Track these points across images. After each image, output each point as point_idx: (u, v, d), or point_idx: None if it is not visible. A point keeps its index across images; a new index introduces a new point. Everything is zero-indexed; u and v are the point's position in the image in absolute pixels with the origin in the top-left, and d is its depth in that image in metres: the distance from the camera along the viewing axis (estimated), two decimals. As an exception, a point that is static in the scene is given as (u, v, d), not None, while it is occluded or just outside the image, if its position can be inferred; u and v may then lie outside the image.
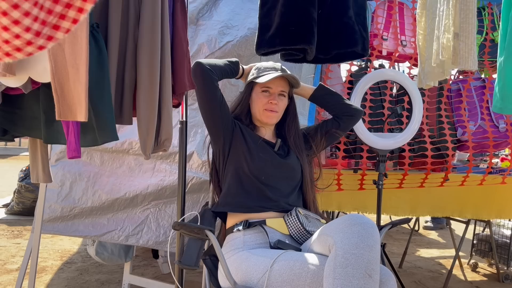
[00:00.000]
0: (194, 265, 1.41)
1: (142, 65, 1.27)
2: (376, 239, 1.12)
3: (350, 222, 1.14)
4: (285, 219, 1.50)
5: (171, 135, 1.44)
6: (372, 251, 1.09)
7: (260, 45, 1.70)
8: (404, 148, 2.45)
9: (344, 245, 1.10)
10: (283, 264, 1.25)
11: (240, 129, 1.57)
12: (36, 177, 1.55)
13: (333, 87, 2.57)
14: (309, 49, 1.66)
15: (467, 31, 1.38)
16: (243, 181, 1.53)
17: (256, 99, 1.61)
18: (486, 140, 2.52)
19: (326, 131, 1.72)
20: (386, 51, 2.68)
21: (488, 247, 3.13)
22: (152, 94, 1.29)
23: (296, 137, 1.69)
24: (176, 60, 1.46)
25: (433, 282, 2.96)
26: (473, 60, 1.61)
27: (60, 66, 1.03)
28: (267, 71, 1.60)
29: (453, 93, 2.71)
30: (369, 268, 1.08)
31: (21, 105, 1.37)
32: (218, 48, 2.26)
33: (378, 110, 2.53)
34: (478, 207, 2.60)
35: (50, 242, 3.45)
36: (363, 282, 1.06)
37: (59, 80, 1.04)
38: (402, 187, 2.45)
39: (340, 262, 1.08)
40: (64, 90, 1.06)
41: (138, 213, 2.07)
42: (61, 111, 1.07)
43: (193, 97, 2.23)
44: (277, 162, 1.56)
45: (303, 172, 1.63)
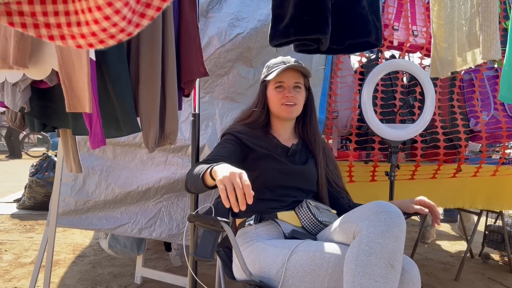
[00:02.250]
0: (210, 257, 1.41)
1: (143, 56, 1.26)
2: (402, 228, 1.11)
3: (376, 210, 1.13)
4: (296, 211, 1.49)
5: (177, 127, 1.43)
6: (397, 241, 1.09)
7: (274, 36, 1.68)
8: (416, 139, 2.44)
9: (369, 233, 1.09)
10: (303, 254, 1.24)
11: (247, 146, 1.53)
12: (70, 167, 1.59)
13: (344, 78, 2.56)
14: (324, 39, 1.64)
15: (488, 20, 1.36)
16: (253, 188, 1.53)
17: (272, 96, 1.59)
18: (499, 131, 2.50)
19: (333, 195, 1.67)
20: (397, 41, 2.66)
21: (500, 238, 3.11)
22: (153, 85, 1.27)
23: (315, 134, 1.67)
24: (183, 47, 1.43)
25: (445, 273, 2.95)
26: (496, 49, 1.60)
27: (66, 56, 1.04)
28: (276, 66, 1.58)
29: (466, 83, 2.68)
30: (392, 259, 1.07)
31: (52, 98, 1.40)
32: (229, 40, 2.25)
33: (389, 101, 2.51)
34: (490, 198, 2.59)
35: (62, 236, 3.48)
36: (385, 272, 1.05)
37: (66, 71, 1.05)
38: (414, 179, 2.43)
39: (364, 250, 1.08)
40: (72, 81, 1.07)
41: (151, 206, 2.08)
42: (70, 103, 1.08)
43: (204, 90, 2.23)
44: (289, 171, 1.53)
45: (319, 178, 1.61)
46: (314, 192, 1.62)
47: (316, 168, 1.62)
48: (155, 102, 1.28)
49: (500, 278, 2.88)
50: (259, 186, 1.51)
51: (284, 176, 1.53)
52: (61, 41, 0.49)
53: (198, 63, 1.48)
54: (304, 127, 1.67)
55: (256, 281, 1.33)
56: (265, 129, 1.63)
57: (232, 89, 2.25)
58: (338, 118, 2.50)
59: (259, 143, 1.55)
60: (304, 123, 1.67)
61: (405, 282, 1.15)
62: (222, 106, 2.23)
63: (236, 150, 1.50)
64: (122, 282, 2.51)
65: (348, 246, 1.18)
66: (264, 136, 1.61)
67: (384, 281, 1.05)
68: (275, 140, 1.60)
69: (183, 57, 1.43)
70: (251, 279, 1.32)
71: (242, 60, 2.28)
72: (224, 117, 2.20)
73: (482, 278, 2.88)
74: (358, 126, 2.47)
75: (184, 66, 1.45)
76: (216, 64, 2.22)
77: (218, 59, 2.22)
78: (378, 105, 2.45)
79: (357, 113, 2.46)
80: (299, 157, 1.62)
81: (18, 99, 1.29)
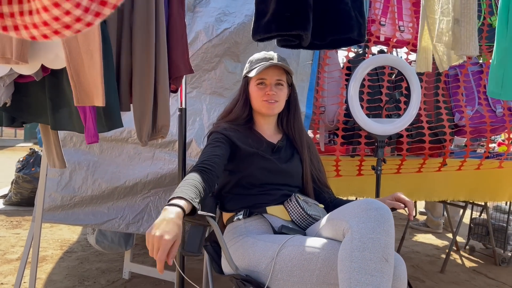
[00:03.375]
0: (197, 251, 1.41)
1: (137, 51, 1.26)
2: (391, 224, 1.12)
3: (365, 207, 1.13)
4: (285, 205, 1.50)
5: (168, 121, 1.43)
6: (388, 235, 1.09)
7: (256, 31, 1.69)
8: (402, 134, 2.47)
9: (360, 229, 1.09)
10: (292, 249, 1.24)
11: (236, 145, 1.52)
12: (53, 163, 1.58)
13: (331, 73, 2.57)
14: (305, 35, 1.65)
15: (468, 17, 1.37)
16: (240, 185, 1.53)
17: (253, 92, 1.58)
18: (483, 125, 2.54)
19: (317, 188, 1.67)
20: (384, 36, 2.68)
21: (485, 231, 3.16)
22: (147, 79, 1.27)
23: (300, 131, 1.66)
24: (171, 43, 1.43)
25: (431, 266, 3.00)
26: (474, 46, 1.62)
27: (75, 53, 1.04)
28: (258, 62, 1.57)
29: (451, 78, 2.71)
30: (386, 253, 1.08)
31: (26, 92, 1.38)
32: (216, 35, 2.25)
33: (376, 96, 2.54)
34: (472, 191, 2.63)
35: (50, 231, 3.46)
36: (380, 266, 1.06)
37: (74, 67, 1.05)
38: (400, 173, 2.46)
39: (357, 245, 1.08)
40: (80, 76, 1.07)
41: (138, 201, 2.07)
42: (78, 97, 1.08)
43: (191, 85, 2.23)
44: (275, 169, 1.53)
45: (304, 175, 1.61)
46: (300, 187, 1.63)
47: (301, 164, 1.62)
48: (149, 96, 1.28)
49: (484, 270, 2.94)
50: (247, 183, 1.52)
51: (271, 174, 1.53)
52: (14, 32, 0.47)
53: (185, 60, 1.48)
54: (289, 124, 1.67)
55: (243, 275, 1.34)
56: (249, 125, 1.63)
57: (219, 84, 2.25)
58: (325, 113, 2.51)
59: (246, 141, 1.55)
60: (288, 120, 1.67)
61: (393, 278, 1.17)
62: (209, 101, 2.23)
63: (227, 148, 1.50)
64: (110, 278, 2.51)
65: (337, 242, 1.20)
66: (249, 133, 1.60)
67: (380, 275, 1.05)
68: (260, 137, 1.60)
69: (171, 53, 1.43)
70: (238, 273, 1.33)
71: (229, 55, 2.27)
72: (211, 112, 2.20)
73: (467, 270, 2.93)
74: (345, 121, 2.49)
75: (172, 63, 1.45)
76: (203, 59, 2.22)
77: (205, 54, 2.22)
78: (364, 100, 2.47)
79: (344, 108, 2.48)
80: (284, 153, 1.62)
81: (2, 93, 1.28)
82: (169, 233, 1.01)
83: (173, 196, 1.14)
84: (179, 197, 1.13)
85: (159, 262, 1.00)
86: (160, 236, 1.00)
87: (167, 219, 1.05)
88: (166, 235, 1.00)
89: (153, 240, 1.00)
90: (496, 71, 1.59)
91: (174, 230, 1.03)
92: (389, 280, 1.08)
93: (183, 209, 1.10)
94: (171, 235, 1.01)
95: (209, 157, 1.41)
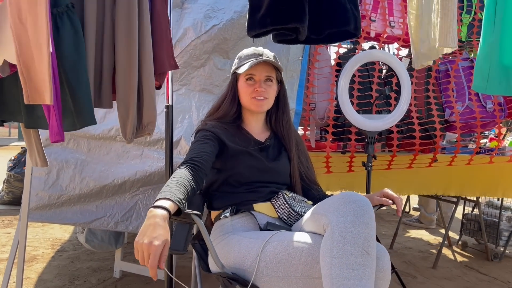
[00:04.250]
0: (182, 249, 1.40)
1: (120, 46, 1.24)
2: (371, 216, 1.11)
3: (344, 200, 1.13)
4: (272, 202, 1.49)
5: (154, 118, 1.41)
6: (368, 228, 1.09)
7: (251, 26, 1.66)
8: (392, 130, 2.46)
9: (340, 223, 1.09)
10: (276, 244, 1.24)
11: (223, 143, 1.50)
12: (35, 161, 1.56)
13: (322, 69, 2.56)
14: (301, 28, 1.63)
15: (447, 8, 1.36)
16: (227, 183, 1.52)
17: (242, 88, 1.56)
18: (473, 120, 2.53)
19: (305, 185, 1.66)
20: (374, 32, 2.67)
21: (477, 226, 3.17)
22: (131, 75, 1.25)
23: (288, 128, 1.65)
24: (155, 38, 1.41)
25: (423, 262, 3.00)
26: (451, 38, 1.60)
27: (25, 47, 1.00)
28: (248, 58, 1.55)
29: (441, 73, 2.71)
30: (366, 245, 1.07)
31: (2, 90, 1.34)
32: (204, 32, 2.22)
33: (366, 92, 2.53)
34: (463, 185, 2.64)
35: (41, 231, 3.44)
36: (361, 259, 1.05)
37: (24, 62, 1.01)
38: (391, 168, 2.46)
39: (337, 240, 1.07)
40: (30, 72, 1.03)
41: (127, 200, 2.06)
42: (29, 95, 1.04)
43: (180, 82, 2.21)
44: (263, 168, 1.52)
45: (292, 172, 1.60)
46: (287, 184, 1.62)
47: (289, 162, 1.62)
48: (132, 92, 1.26)
49: (476, 266, 2.94)
50: (235, 182, 1.50)
51: (258, 172, 1.52)
52: None
53: (169, 56, 1.46)
54: (277, 121, 1.65)
55: (229, 273, 1.33)
56: (237, 123, 1.62)
57: (208, 81, 2.23)
58: (315, 110, 2.50)
59: (234, 139, 1.54)
60: (276, 117, 1.66)
61: (376, 269, 1.16)
62: (198, 98, 2.21)
63: (215, 146, 1.49)
64: (101, 276, 2.49)
65: (320, 236, 1.19)
66: (237, 131, 1.59)
67: (362, 268, 1.05)
68: (248, 135, 1.59)
69: (155, 49, 1.41)
70: (224, 271, 1.32)
71: (218, 52, 2.25)
72: (201, 109, 2.18)
73: (459, 266, 2.94)
74: (335, 117, 2.48)
75: (156, 59, 1.42)
76: (192, 55, 2.20)
77: (194, 50, 2.20)
78: (354, 96, 2.46)
79: (334, 105, 2.47)
80: (272, 151, 1.61)
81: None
82: (158, 238, 1.00)
83: (159, 197, 1.13)
84: (165, 198, 1.12)
85: (151, 268, 0.98)
86: (149, 243, 0.99)
87: (153, 224, 1.03)
88: (155, 241, 0.99)
89: (142, 248, 0.99)
90: (481, 65, 1.58)
91: (162, 235, 1.01)
92: (372, 273, 1.07)
93: (169, 210, 1.09)
94: (160, 240, 1.00)
95: (198, 153, 1.40)
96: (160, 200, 1.12)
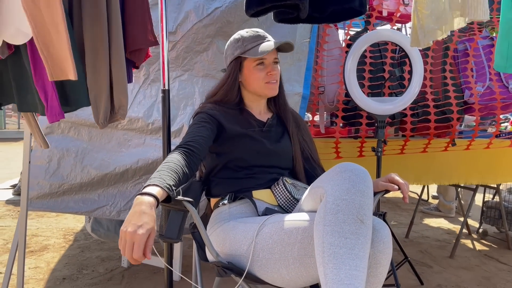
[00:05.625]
0: (176, 238, 1.35)
1: (87, 22, 1.17)
2: (368, 184, 1.05)
3: (340, 169, 1.08)
4: (272, 189, 1.43)
5: (126, 101, 1.34)
6: (363, 196, 1.03)
7: (250, 4, 1.60)
8: (405, 113, 2.34)
9: (334, 191, 1.04)
10: (272, 226, 1.19)
11: (222, 125, 1.45)
12: (39, 144, 1.56)
13: (331, 51, 2.45)
14: (301, 5, 1.55)
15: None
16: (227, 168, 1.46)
17: (252, 74, 1.48)
18: (493, 102, 2.39)
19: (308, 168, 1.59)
20: (386, 11, 2.54)
21: (497, 214, 3.03)
22: (99, 57, 1.18)
23: (285, 106, 1.61)
24: (126, 11, 1.32)
25: (440, 251, 2.88)
26: (483, 9, 1.50)
27: (40, 26, 1.00)
28: (254, 41, 1.47)
29: (460, 53, 2.56)
30: (361, 213, 1.01)
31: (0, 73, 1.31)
32: (207, 15, 2.15)
33: (378, 74, 2.41)
34: (484, 173, 2.50)
35: (55, 221, 3.46)
36: (354, 228, 1.00)
37: (43, 42, 1.01)
38: (404, 153, 2.35)
39: (331, 208, 1.02)
40: (50, 50, 1.03)
41: (130, 188, 2.02)
42: (52, 72, 1.04)
43: (182, 68, 2.15)
44: (265, 150, 1.46)
45: (294, 155, 1.54)
46: (290, 168, 1.55)
47: (291, 143, 1.55)
48: (102, 75, 1.19)
49: (496, 255, 2.81)
50: (235, 166, 1.45)
51: (260, 155, 1.46)
52: None
53: (146, 31, 1.37)
54: (276, 102, 1.60)
55: (224, 262, 1.28)
56: (240, 107, 1.55)
57: (212, 66, 2.16)
58: (324, 94, 2.41)
59: (233, 121, 1.48)
60: (277, 100, 1.60)
61: (375, 241, 1.09)
62: (202, 84, 2.15)
63: (213, 129, 1.43)
64: (109, 266, 2.48)
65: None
66: (237, 112, 1.53)
67: (355, 237, 0.99)
68: (249, 116, 1.53)
69: (127, 24, 1.32)
70: (218, 260, 1.27)
71: (221, 36, 2.18)
72: (204, 95, 2.11)
73: (478, 255, 2.81)
74: (346, 101, 2.38)
75: (129, 34, 1.34)
76: (194, 40, 2.13)
77: (196, 35, 2.13)
78: (366, 78, 2.35)
79: (344, 88, 2.36)
80: (275, 132, 1.54)
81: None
82: (143, 226, 0.95)
83: (148, 183, 1.08)
84: (153, 185, 1.07)
85: (136, 260, 0.93)
86: (133, 231, 0.94)
87: (138, 212, 0.98)
88: (140, 230, 0.94)
89: (125, 237, 0.94)
90: (501, 43, 1.49)
91: (147, 223, 0.96)
92: (366, 242, 1.01)
93: (156, 197, 1.04)
94: (145, 228, 0.95)
95: (194, 137, 1.34)
96: (148, 186, 1.07)
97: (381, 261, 1.10)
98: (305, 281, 1.17)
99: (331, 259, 0.98)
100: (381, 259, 1.10)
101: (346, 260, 0.97)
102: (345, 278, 0.95)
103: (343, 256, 0.97)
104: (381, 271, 1.10)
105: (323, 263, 0.99)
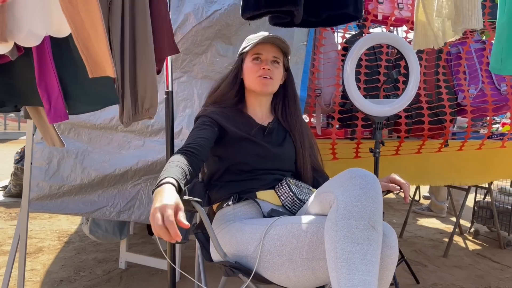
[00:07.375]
0: (184, 238, 1.37)
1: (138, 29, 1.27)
2: (378, 190, 1.07)
3: (350, 175, 1.10)
4: (276, 190, 1.45)
5: (156, 102, 1.40)
6: (374, 202, 1.05)
7: (246, 8, 1.62)
8: (400, 115, 2.39)
9: (345, 198, 1.05)
10: (280, 228, 1.20)
11: (223, 128, 1.46)
12: (51, 141, 1.58)
13: (327, 54, 2.49)
14: (296, 12, 1.58)
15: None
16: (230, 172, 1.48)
17: (248, 68, 1.52)
18: (485, 104, 2.45)
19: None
20: (381, 15, 2.58)
21: (489, 214, 3.09)
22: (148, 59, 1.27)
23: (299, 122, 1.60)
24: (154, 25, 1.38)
25: (434, 250, 2.94)
26: (477, 18, 1.55)
27: (80, 28, 1.06)
28: (257, 38, 1.52)
29: (452, 56, 2.62)
30: (372, 220, 1.03)
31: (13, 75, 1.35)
32: (206, 17, 2.16)
33: (373, 76, 2.45)
34: (477, 174, 2.56)
35: (48, 222, 3.44)
36: (366, 234, 1.01)
37: (83, 42, 1.08)
38: (399, 154, 2.39)
39: (342, 214, 1.04)
40: (89, 50, 1.09)
41: (129, 189, 2.02)
42: (92, 70, 1.12)
43: (181, 70, 2.16)
44: (267, 154, 1.47)
45: (299, 159, 1.56)
46: (292, 171, 1.57)
47: (294, 148, 1.57)
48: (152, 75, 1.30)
49: (489, 254, 2.88)
50: (237, 170, 1.46)
51: (262, 159, 1.48)
52: None
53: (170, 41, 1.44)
54: (284, 112, 1.61)
55: (231, 262, 1.29)
56: (239, 108, 1.57)
57: (210, 68, 2.18)
58: (321, 96, 2.44)
59: (235, 124, 1.49)
60: (284, 107, 1.61)
61: (383, 246, 1.12)
62: (200, 86, 2.16)
63: (214, 131, 1.45)
64: (106, 268, 2.48)
65: (325, 216, 1.15)
66: (239, 116, 1.54)
67: (367, 243, 1.01)
68: (251, 120, 1.54)
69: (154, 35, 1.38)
70: (226, 259, 1.28)
71: (220, 38, 2.19)
72: (203, 97, 2.13)
73: (470, 254, 2.87)
74: (342, 103, 2.41)
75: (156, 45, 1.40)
76: (193, 42, 2.14)
77: (195, 37, 2.14)
78: (361, 80, 2.39)
79: (340, 90, 2.40)
80: (276, 136, 1.56)
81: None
82: (169, 200, 0.98)
83: (161, 179, 1.10)
84: (166, 177, 1.10)
85: (170, 225, 0.92)
86: (162, 205, 0.96)
87: (160, 193, 1.02)
88: (166, 201, 0.97)
89: (154, 212, 0.95)
90: (496, 46, 1.54)
91: (173, 197, 1.00)
92: (377, 248, 1.03)
93: (174, 185, 1.07)
94: (171, 200, 0.98)
95: (195, 139, 1.36)
96: (164, 179, 1.09)
97: (388, 265, 1.12)
98: (312, 283, 1.18)
99: (344, 264, 0.99)
100: (388, 263, 1.12)
101: (359, 265, 0.98)
102: (359, 284, 0.96)
103: (356, 262, 0.99)
104: (387, 275, 1.13)
105: (335, 268, 1.00)
